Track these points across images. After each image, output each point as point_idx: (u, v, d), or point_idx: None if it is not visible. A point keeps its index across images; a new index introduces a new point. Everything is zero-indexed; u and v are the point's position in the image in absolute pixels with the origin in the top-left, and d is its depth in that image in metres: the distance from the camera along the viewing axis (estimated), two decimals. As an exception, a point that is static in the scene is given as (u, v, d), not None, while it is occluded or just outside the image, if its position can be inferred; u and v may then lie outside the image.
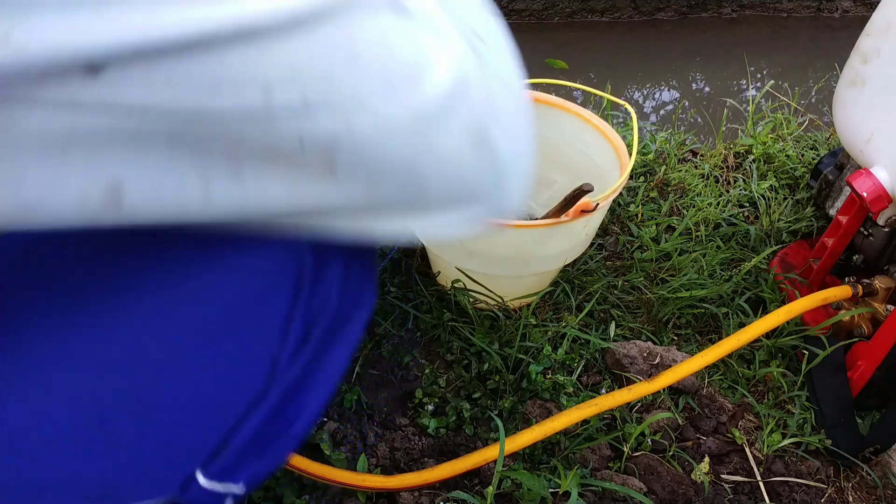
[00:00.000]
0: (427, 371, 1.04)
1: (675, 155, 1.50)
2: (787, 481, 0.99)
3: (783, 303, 1.19)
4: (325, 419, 0.97)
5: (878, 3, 1.02)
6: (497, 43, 0.42)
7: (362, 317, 0.46)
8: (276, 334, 0.40)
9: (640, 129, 1.21)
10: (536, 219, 0.99)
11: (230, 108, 0.29)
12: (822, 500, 0.98)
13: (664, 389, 1.05)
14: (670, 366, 1.05)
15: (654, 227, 1.32)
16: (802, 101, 1.88)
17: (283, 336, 0.40)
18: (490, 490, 0.87)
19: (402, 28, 0.33)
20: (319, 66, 0.30)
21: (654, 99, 2.44)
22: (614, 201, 1.35)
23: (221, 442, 0.40)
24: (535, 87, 1.24)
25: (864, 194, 0.98)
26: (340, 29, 0.31)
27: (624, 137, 1.24)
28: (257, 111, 0.29)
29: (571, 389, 1.03)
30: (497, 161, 0.39)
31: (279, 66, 0.29)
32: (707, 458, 0.99)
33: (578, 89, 1.85)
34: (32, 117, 0.26)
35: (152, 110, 0.28)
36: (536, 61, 2.46)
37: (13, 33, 0.24)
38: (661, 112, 2.37)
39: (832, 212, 1.27)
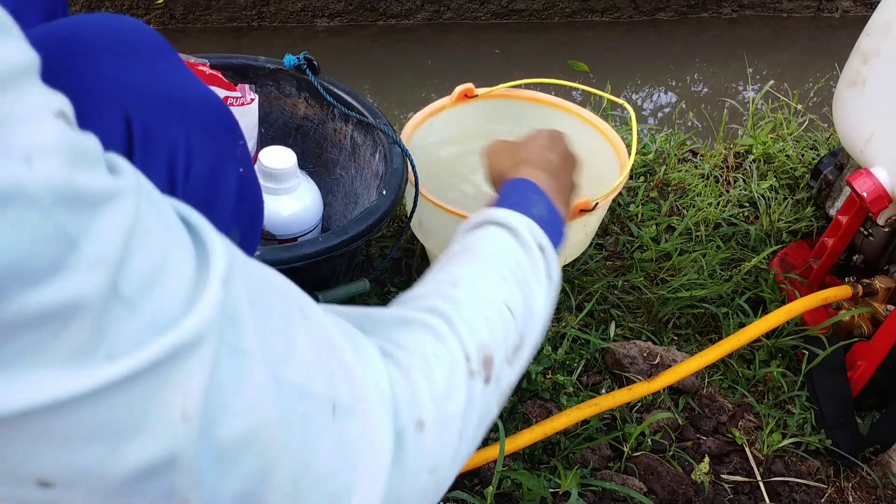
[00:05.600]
0: (427, 371, 1.04)
1: (675, 155, 1.50)
2: (787, 481, 0.99)
3: (783, 303, 1.18)
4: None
5: (878, 3, 1.02)
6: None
7: None
8: None
9: (639, 129, 1.21)
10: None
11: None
12: (822, 500, 0.98)
13: (664, 389, 1.05)
14: (670, 366, 1.05)
15: (654, 227, 1.31)
16: (802, 102, 1.87)
17: None
18: (490, 490, 0.87)
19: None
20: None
21: (653, 99, 2.44)
22: (614, 201, 1.35)
23: None
24: (534, 86, 1.24)
25: (864, 194, 0.98)
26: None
27: (623, 138, 1.24)
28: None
29: (571, 389, 1.03)
30: None
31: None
32: (707, 458, 0.99)
33: (578, 89, 1.85)
34: None
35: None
36: (537, 61, 2.46)
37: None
38: (661, 112, 2.37)
39: (832, 212, 1.27)
